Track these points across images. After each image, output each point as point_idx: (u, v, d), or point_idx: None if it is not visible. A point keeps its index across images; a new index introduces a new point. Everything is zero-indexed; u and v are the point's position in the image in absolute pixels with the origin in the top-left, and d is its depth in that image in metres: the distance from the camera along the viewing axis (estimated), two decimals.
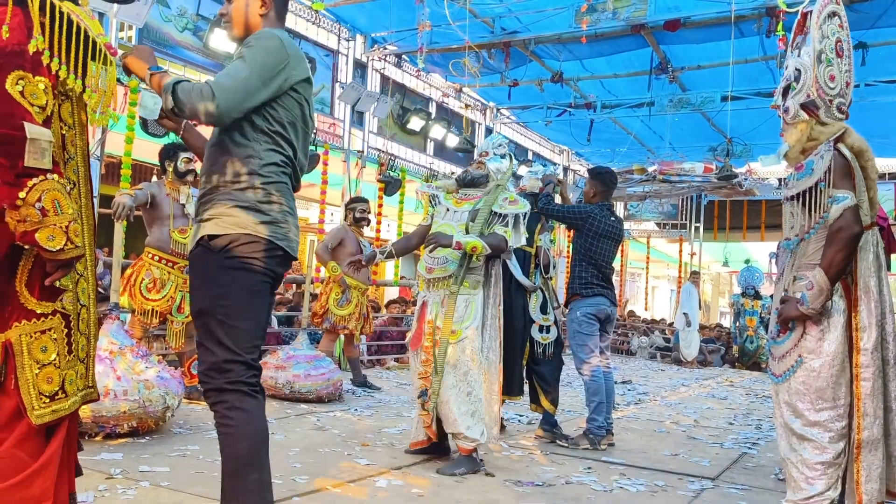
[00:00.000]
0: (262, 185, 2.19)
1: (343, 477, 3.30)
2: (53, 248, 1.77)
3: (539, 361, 4.60)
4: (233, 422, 2.11)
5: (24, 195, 1.72)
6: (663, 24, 8.48)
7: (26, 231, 1.74)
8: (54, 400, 1.87)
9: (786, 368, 2.53)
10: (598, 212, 4.57)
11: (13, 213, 1.73)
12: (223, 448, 2.13)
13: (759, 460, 4.39)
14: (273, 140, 2.21)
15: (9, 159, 1.72)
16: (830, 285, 2.42)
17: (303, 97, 2.28)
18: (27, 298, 1.83)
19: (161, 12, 7.92)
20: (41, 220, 1.75)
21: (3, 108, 1.72)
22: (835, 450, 2.44)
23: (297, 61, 2.24)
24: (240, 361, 2.14)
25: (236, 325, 2.14)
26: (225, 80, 2.12)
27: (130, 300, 4.66)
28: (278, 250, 2.21)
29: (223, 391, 2.13)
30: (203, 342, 2.17)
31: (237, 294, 2.15)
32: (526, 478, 3.57)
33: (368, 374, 6.77)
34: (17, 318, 1.81)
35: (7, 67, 1.73)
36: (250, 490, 2.11)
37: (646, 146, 13.99)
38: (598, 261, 4.55)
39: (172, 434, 3.93)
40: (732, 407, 6.95)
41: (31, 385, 1.81)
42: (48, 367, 1.85)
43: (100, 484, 2.88)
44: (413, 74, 11.29)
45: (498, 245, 3.70)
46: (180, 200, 4.72)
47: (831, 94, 2.53)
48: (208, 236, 2.16)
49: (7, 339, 1.79)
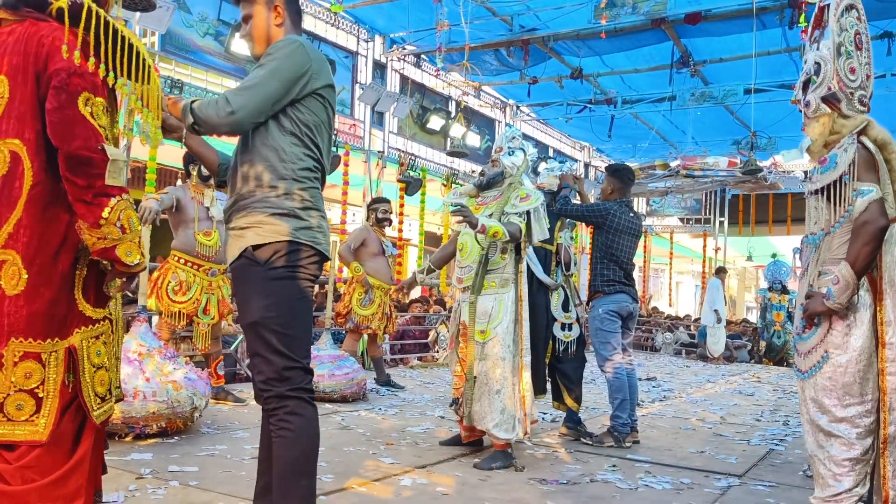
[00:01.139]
0: (298, 190, 2.22)
1: (368, 476, 3.33)
2: (132, 263, 1.89)
3: (562, 359, 4.59)
4: (292, 426, 2.15)
5: (107, 214, 1.81)
6: (684, 17, 8.41)
7: (106, 248, 1.84)
8: (105, 401, 1.98)
9: (812, 364, 2.50)
10: (616, 208, 4.56)
11: (94, 232, 1.82)
12: (278, 452, 2.17)
13: (787, 457, 4.34)
14: (303, 143, 2.24)
15: (86, 179, 1.80)
16: (857, 280, 2.38)
17: (327, 101, 2.30)
18: (85, 306, 1.92)
19: (183, 18, 8.03)
20: (121, 237, 1.85)
21: (81, 130, 1.79)
22: (862, 446, 2.41)
23: (321, 65, 2.26)
24: (298, 367, 2.18)
25: (290, 333, 2.18)
26: (241, 88, 2.17)
27: (157, 303, 4.73)
28: (317, 255, 2.26)
29: (285, 398, 2.16)
30: (259, 352, 2.19)
31: (287, 303, 2.19)
32: (551, 476, 3.57)
33: (392, 373, 6.81)
34: (78, 325, 1.90)
35: (77, 89, 1.80)
36: (300, 495, 2.15)
37: (668, 141, 13.87)
38: (618, 257, 4.54)
39: (200, 434, 3.99)
40: (759, 403, 6.87)
41: (90, 387, 1.91)
42: (101, 370, 1.96)
43: (130, 484, 2.94)
44: (432, 74, 11.32)
45: (514, 233, 3.75)
46: (204, 203, 4.78)
47: (852, 87, 2.50)
48: (252, 247, 2.18)
49: (71, 345, 1.89)
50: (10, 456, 1.83)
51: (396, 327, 6.95)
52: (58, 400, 1.86)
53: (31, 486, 1.81)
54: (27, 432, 1.82)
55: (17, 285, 1.81)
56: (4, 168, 1.83)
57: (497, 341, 3.70)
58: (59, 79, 1.79)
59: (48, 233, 1.84)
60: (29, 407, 1.83)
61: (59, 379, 1.86)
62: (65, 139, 1.78)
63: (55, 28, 1.83)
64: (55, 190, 1.84)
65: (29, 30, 1.85)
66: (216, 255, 4.76)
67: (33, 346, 1.83)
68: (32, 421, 1.83)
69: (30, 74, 1.82)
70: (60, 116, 1.78)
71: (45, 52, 1.81)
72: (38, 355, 1.84)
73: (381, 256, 6.19)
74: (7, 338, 1.81)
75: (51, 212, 1.85)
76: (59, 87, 1.79)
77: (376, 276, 6.13)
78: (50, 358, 1.85)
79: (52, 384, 1.85)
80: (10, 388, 1.81)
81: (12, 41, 1.85)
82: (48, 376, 1.85)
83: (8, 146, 1.83)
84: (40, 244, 1.83)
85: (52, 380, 1.85)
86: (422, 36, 10.01)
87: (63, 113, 1.78)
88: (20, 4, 1.89)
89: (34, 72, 1.82)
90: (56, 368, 1.86)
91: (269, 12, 2.29)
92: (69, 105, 1.79)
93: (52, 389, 1.85)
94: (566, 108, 12.45)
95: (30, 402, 1.83)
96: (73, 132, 1.78)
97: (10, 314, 1.81)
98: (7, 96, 1.84)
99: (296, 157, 2.22)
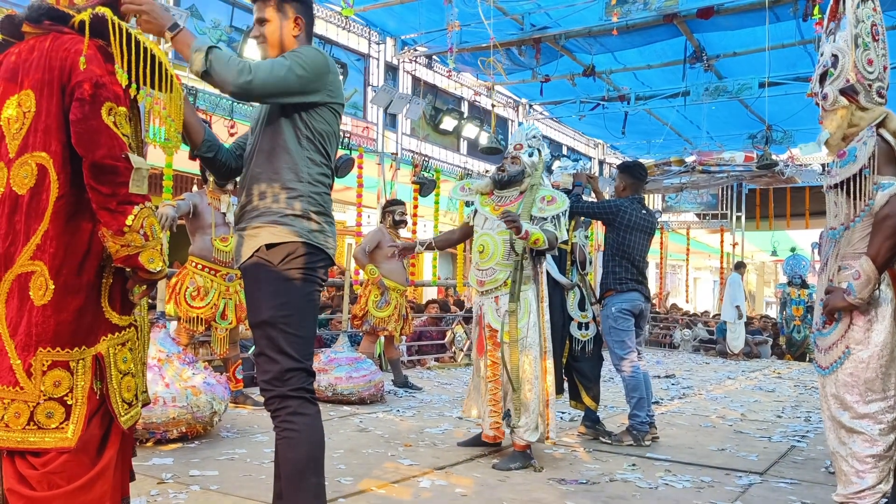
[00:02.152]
0: (313, 194, 2.27)
1: (387, 478, 3.34)
2: (154, 270, 1.91)
3: (579, 358, 4.58)
4: (295, 426, 2.18)
5: (131, 222, 1.83)
6: (696, 12, 8.35)
7: (129, 255, 1.86)
8: (132, 406, 2.00)
9: (833, 360, 2.47)
10: (627, 205, 4.53)
11: (118, 239, 1.84)
12: (284, 453, 2.19)
13: (809, 453, 4.29)
14: (318, 149, 2.29)
15: (111, 188, 1.82)
16: (878, 274, 2.36)
17: (339, 116, 2.38)
18: (111, 313, 1.95)
19: (196, 25, 8.10)
20: (144, 244, 1.87)
21: (105, 139, 1.82)
22: (885, 442, 2.38)
23: (339, 83, 2.35)
24: (301, 369, 2.21)
25: (297, 334, 2.21)
26: (266, 65, 2.18)
27: (176, 308, 4.77)
28: (327, 259, 2.30)
29: (286, 398, 2.19)
30: (265, 352, 2.22)
31: (297, 304, 2.22)
32: (570, 476, 3.55)
33: (409, 374, 6.81)
34: (104, 333, 1.93)
35: (100, 100, 1.83)
36: (311, 493, 2.17)
37: (682, 136, 13.78)
38: (631, 255, 4.51)
39: (220, 438, 4.01)
40: (780, 399, 6.81)
41: (117, 394, 1.94)
42: (127, 377, 1.98)
43: (152, 489, 2.97)
44: (444, 75, 11.33)
45: (552, 241, 3.71)
46: (221, 209, 4.82)
47: (870, 79, 2.47)
48: (266, 246, 2.22)
49: (98, 353, 1.91)
50: (36, 461, 1.85)
51: (413, 328, 6.95)
52: (86, 406, 1.88)
53: (57, 493, 1.83)
54: (57, 439, 1.84)
55: (45, 296, 1.84)
56: (32, 181, 1.86)
57: (524, 341, 3.67)
58: (81, 90, 1.81)
59: (73, 243, 1.87)
60: (59, 415, 1.85)
61: (87, 386, 1.89)
62: (89, 148, 1.81)
63: (78, 41, 1.86)
64: (79, 201, 1.87)
65: (53, 43, 1.88)
66: (233, 260, 4.77)
67: (61, 355, 1.86)
68: (62, 428, 1.85)
69: (55, 88, 1.85)
70: (85, 126, 1.81)
71: (70, 65, 1.84)
72: (67, 363, 1.87)
73: (396, 258, 6.20)
74: (35, 347, 1.84)
75: (75, 222, 1.87)
76: (82, 99, 1.81)
77: (392, 278, 6.14)
78: (78, 366, 1.88)
79: (80, 391, 1.88)
80: (39, 397, 1.84)
81: (36, 56, 1.88)
82: (76, 384, 1.87)
83: (35, 159, 1.86)
84: (66, 255, 1.86)
85: (81, 387, 1.88)
86: (433, 37, 10.02)
87: (87, 123, 1.81)
88: (43, 18, 1.92)
89: (59, 85, 1.85)
90: (84, 376, 1.88)
91: (286, 21, 2.33)
92: (93, 115, 1.81)
93: (80, 397, 1.88)
94: (579, 106, 12.40)
95: (59, 410, 1.86)
96: (98, 141, 1.81)
97: (38, 324, 1.84)
98: (34, 110, 1.87)
99: (312, 162, 2.27)
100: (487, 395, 3.81)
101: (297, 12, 2.34)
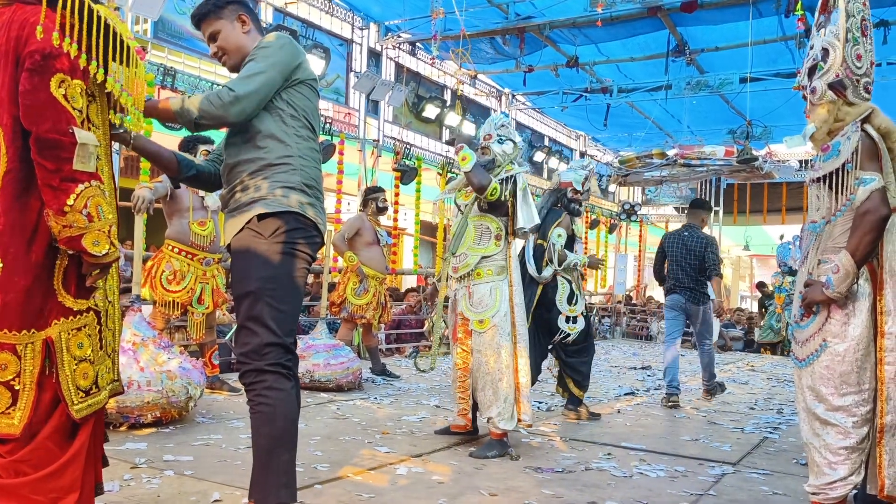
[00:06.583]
0: (303, 167, 2.27)
1: (364, 465, 3.33)
2: (99, 253, 1.81)
3: (570, 353, 4.71)
4: (270, 401, 2.16)
5: (72, 201, 1.74)
6: (680, 5, 8.36)
7: (71, 237, 1.77)
8: (90, 394, 1.92)
9: (809, 353, 2.50)
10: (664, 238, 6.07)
11: (59, 219, 1.75)
12: (258, 427, 2.18)
13: (781, 445, 4.35)
14: (304, 124, 2.31)
15: (55, 163, 1.74)
16: (857, 269, 2.38)
17: (315, 92, 2.39)
18: (65, 296, 1.86)
19: (175, 5, 7.95)
20: (87, 225, 1.77)
21: (51, 112, 1.73)
22: (858, 434, 2.41)
23: (306, 60, 2.36)
24: (279, 345, 2.20)
25: (280, 308, 2.20)
26: (243, 78, 2.19)
27: (152, 292, 4.70)
28: (318, 235, 2.31)
29: (262, 372, 2.17)
30: (246, 324, 2.20)
31: (286, 278, 2.21)
32: (546, 464, 3.57)
33: (387, 362, 6.80)
34: (56, 316, 1.84)
35: (50, 71, 1.75)
36: (281, 470, 2.17)
37: (664, 130, 13.85)
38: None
39: (195, 423, 3.97)
40: (753, 391, 6.90)
41: (70, 381, 1.85)
42: (84, 363, 1.90)
43: (125, 473, 2.93)
44: (427, 62, 11.25)
45: (481, 180, 3.63)
46: (199, 193, 4.74)
47: (858, 74, 2.48)
48: (257, 217, 2.20)
49: (48, 337, 1.83)
50: (2, 449, 1.80)
51: (392, 317, 6.93)
52: (34, 393, 1.81)
53: (24, 480, 1.78)
54: (3, 425, 1.78)
55: None
56: None
57: (496, 330, 3.70)
58: (32, 60, 1.74)
59: (22, 221, 1.79)
60: (5, 399, 1.79)
61: (36, 371, 1.81)
62: (35, 121, 1.73)
63: (38, 11, 1.78)
64: (29, 177, 1.79)
65: (15, 13, 1.81)
66: (211, 244, 4.73)
67: (8, 338, 1.79)
68: (8, 414, 1.79)
69: (10, 58, 1.78)
70: (33, 98, 1.73)
71: (26, 35, 1.76)
72: (14, 347, 1.79)
73: (375, 246, 6.16)
74: None
75: (24, 199, 1.79)
76: (32, 69, 1.74)
77: (371, 266, 6.11)
78: (26, 350, 1.80)
79: (28, 377, 1.80)
80: None
81: None
82: (24, 368, 1.80)
83: None
84: (14, 232, 1.78)
85: (29, 372, 1.81)
86: (417, 24, 9.93)
87: (35, 95, 1.73)
88: None
89: (14, 55, 1.78)
90: (32, 361, 1.81)
91: (234, 23, 2.35)
92: (42, 87, 1.74)
93: (28, 382, 1.80)
94: (562, 97, 12.41)
95: (6, 395, 1.79)
96: (44, 114, 1.73)
97: None
98: None
99: (300, 137, 2.28)
100: (457, 381, 3.86)
101: (237, 11, 2.36)
